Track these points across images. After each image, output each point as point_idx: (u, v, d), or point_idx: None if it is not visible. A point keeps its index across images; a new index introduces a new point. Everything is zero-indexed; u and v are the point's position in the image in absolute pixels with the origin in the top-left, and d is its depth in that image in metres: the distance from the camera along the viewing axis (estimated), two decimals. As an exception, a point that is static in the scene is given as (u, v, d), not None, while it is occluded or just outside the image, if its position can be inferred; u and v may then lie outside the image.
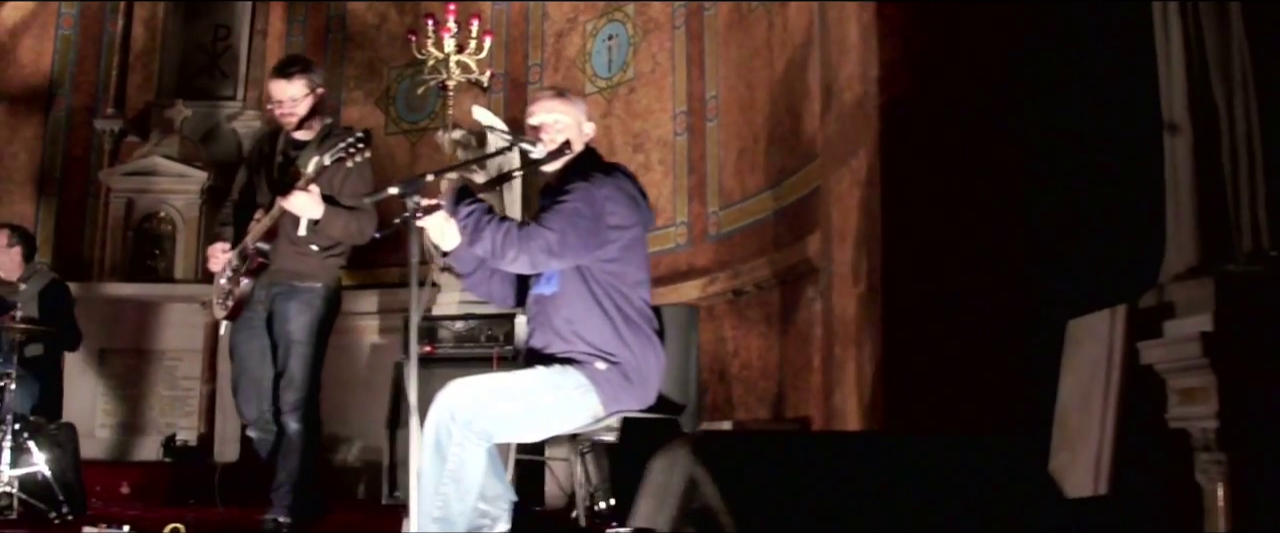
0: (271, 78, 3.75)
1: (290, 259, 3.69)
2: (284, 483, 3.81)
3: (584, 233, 2.79)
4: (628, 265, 2.94)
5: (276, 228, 3.63)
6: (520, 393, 2.82)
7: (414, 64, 7.75)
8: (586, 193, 2.84)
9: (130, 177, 7.32)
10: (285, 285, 3.73)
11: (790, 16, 5.07)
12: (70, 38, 7.94)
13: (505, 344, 5.47)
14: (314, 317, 3.79)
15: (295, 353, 3.74)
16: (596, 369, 2.86)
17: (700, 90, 6.01)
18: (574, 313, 2.87)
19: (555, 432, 2.95)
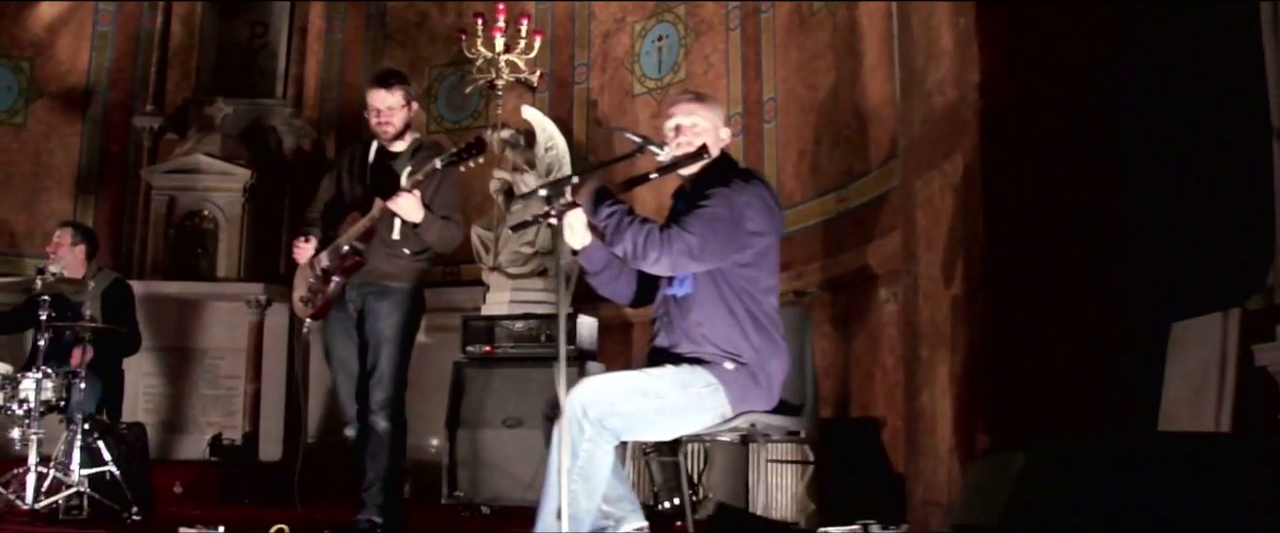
0: (371, 88, 3.83)
1: (383, 260, 3.77)
2: (374, 482, 3.87)
3: (723, 238, 2.83)
4: (760, 271, 2.98)
5: (374, 229, 3.70)
6: (651, 392, 2.84)
7: (456, 63, 7.78)
8: (727, 199, 2.88)
9: (172, 174, 7.31)
10: (377, 286, 3.79)
11: (860, 20, 5.11)
12: (107, 35, 7.92)
13: (568, 344, 5.46)
14: (404, 317, 3.87)
15: (385, 352, 3.83)
16: (724, 369, 2.89)
17: (756, 92, 6.04)
18: (705, 315, 2.90)
19: (683, 431, 2.97)
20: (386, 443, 3.83)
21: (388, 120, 3.78)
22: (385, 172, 3.83)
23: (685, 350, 2.91)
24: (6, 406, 4.57)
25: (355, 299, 3.80)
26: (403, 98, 3.80)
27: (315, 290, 3.83)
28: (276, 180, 7.50)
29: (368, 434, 3.88)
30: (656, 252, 2.79)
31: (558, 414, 3.16)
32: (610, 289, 3.17)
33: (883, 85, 4.78)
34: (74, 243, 5.27)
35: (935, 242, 3.95)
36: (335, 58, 8.05)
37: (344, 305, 3.82)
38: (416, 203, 3.58)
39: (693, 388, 2.84)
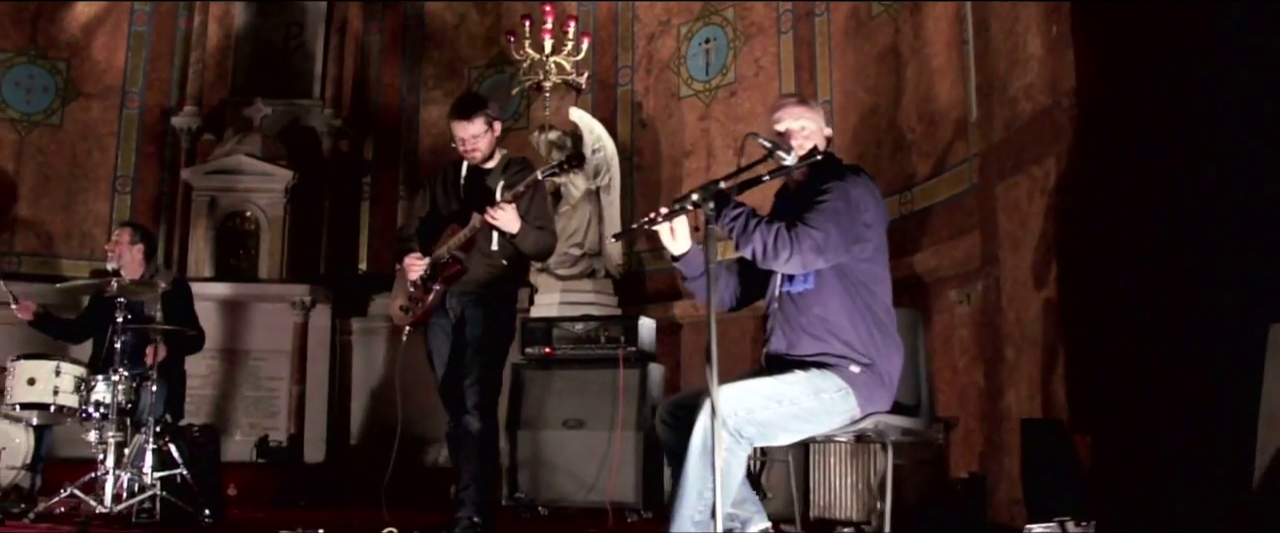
0: (453, 119, 3.95)
1: (481, 270, 3.91)
2: (471, 483, 3.97)
3: (845, 231, 2.88)
4: (876, 264, 3.03)
5: (473, 240, 3.85)
6: (786, 398, 2.88)
7: (496, 64, 7.79)
8: (843, 192, 2.92)
9: (214, 175, 7.30)
10: (476, 293, 3.92)
11: (925, 25, 5.17)
12: (143, 35, 7.90)
13: (628, 346, 5.49)
14: (501, 324, 4.02)
15: (482, 357, 3.93)
16: (852, 373, 2.93)
17: (810, 94, 6.08)
18: (827, 310, 2.94)
19: (812, 434, 3.00)
20: (481, 444, 3.96)
21: (474, 147, 3.92)
22: (479, 188, 3.98)
23: (808, 349, 2.95)
24: (82, 408, 4.56)
25: (454, 306, 3.94)
26: (484, 124, 3.93)
27: (415, 299, 3.99)
28: (316, 181, 7.49)
29: (463, 436, 3.95)
30: (788, 251, 2.83)
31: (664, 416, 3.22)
32: (704, 294, 3.21)
33: (952, 90, 4.84)
34: (133, 242, 5.28)
35: (1022, 244, 4.01)
36: (373, 59, 8.06)
37: (444, 312, 3.97)
38: (514, 215, 3.74)
39: (825, 393, 2.88)
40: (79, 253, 7.64)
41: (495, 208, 3.71)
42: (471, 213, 3.85)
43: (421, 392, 7.04)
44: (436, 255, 3.89)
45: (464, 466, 3.93)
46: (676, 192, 6.80)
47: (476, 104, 3.96)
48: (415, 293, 3.97)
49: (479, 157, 3.93)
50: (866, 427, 3.05)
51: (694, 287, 3.22)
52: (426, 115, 7.97)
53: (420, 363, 7.11)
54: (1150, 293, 3.46)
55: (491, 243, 3.87)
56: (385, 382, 7.28)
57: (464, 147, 3.92)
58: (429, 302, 3.92)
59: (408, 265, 3.95)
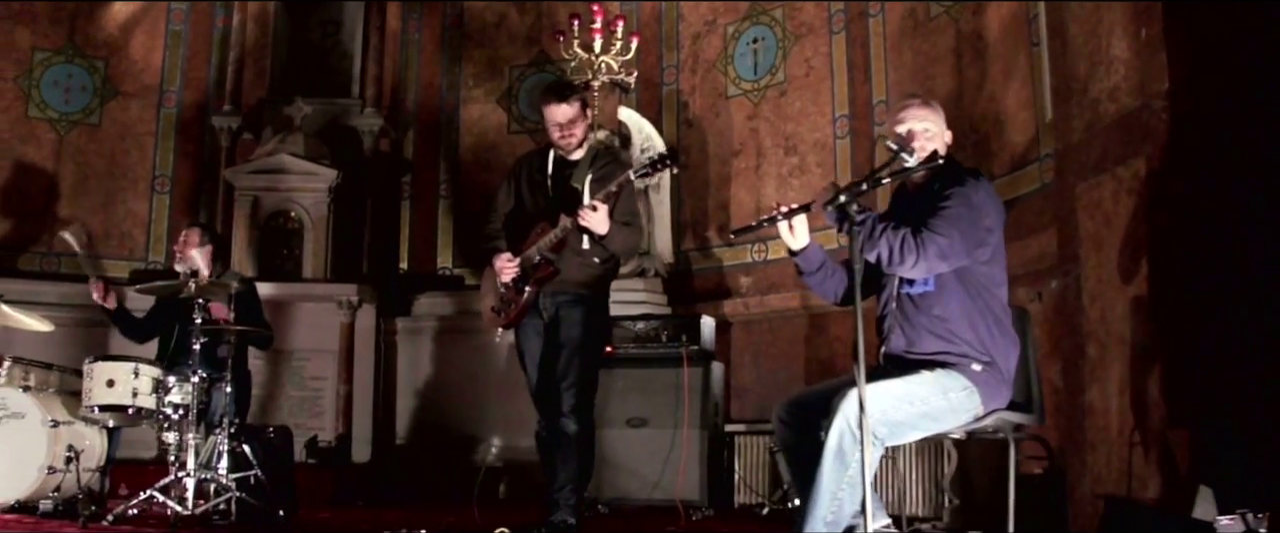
0: (548, 103, 3.92)
1: (575, 270, 3.91)
2: (567, 484, 3.96)
3: (967, 236, 2.95)
4: (996, 266, 3.10)
5: (564, 241, 3.82)
6: (917, 399, 2.95)
7: (537, 63, 7.82)
8: (965, 197, 2.99)
9: (257, 175, 7.29)
10: (570, 294, 3.92)
11: (989, 26, 5.23)
12: (180, 34, 7.90)
13: (690, 344, 5.54)
14: (596, 324, 4.02)
15: (578, 358, 3.92)
16: (974, 371, 3.00)
17: (865, 95, 6.16)
18: (948, 311, 3.01)
19: (936, 432, 3.06)
20: (578, 446, 3.93)
21: (570, 133, 3.91)
22: (567, 181, 3.96)
23: (929, 348, 3.02)
24: (159, 410, 4.57)
25: (548, 307, 3.93)
26: (580, 108, 3.92)
27: (508, 300, 3.98)
28: (357, 181, 7.49)
29: (559, 437, 3.93)
30: (914, 256, 2.90)
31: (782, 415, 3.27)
32: (821, 288, 3.31)
33: (1020, 90, 4.91)
34: (202, 243, 5.30)
35: (1105, 243, 4.08)
36: (412, 58, 8.07)
37: (536, 312, 3.95)
38: (604, 217, 3.73)
39: (952, 392, 2.96)
40: (118, 253, 7.63)
41: (586, 210, 3.70)
42: (560, 212, 3.84)
43: (469, 391, 7.12)
44: (526, 256, 3.89)
45: (561, 467, 3.91)
46: (724, 191, 6.86)
47: (572, 87, 3.96)
48: (507, 294, 3.96)
49: (573, 143, 3.92)
50: (988, 424, 3.12)
51: (810, 282, 3.30)
52: (466, 114, 7.99)
53: (468, 363, 7.22)
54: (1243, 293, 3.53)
55: (583, 242, 3.85)
56: (431, 381, 7.31)
57: (558, 133, 3.90)
58: (522, 303, 3.92)
59: (498, 268, 3.94)
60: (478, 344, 7.19)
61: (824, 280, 3.29)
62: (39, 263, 7.41)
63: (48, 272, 7.36)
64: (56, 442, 4.53)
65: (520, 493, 6.85)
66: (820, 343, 6.22)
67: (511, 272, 3.89)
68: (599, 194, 3.75)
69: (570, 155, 3.96)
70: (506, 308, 3.97)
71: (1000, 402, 3.07)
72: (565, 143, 3.91)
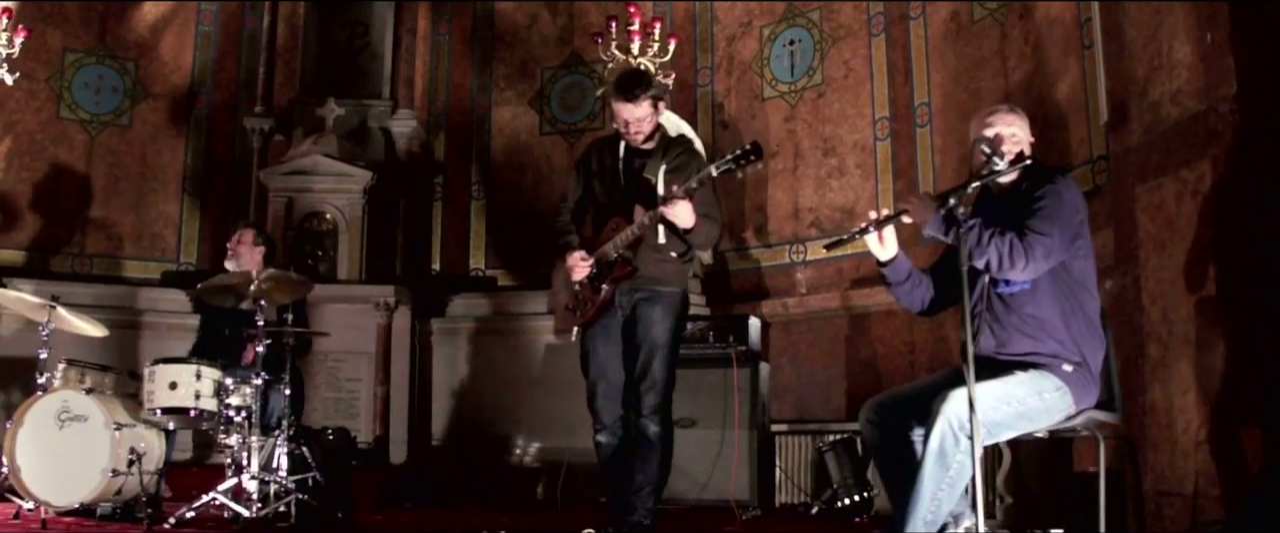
0: (617, 101, 3.80)
1: (652, 266, 3.80)
2: (645, 486, 3.86)
3: (1064, 233, 3.02)
4: (1087, 263, 3.18)
5: (642, 237, 3.74)
6: (1013, 399, 3.01)
7: (569, 65, 7.86)
8: (1057, 194, 3.07)
9: (290, 176, 7.31)
10: (648, 291, 3.82)
11: (1037, 29, 5.30)
12: (210, 35, 7.92)
13: (738, 344, 5.60)
14: (675, 321, 3.89)
15: (658, 357, 3.82)
16: (1065, 371, 3.07)
17: (906, 96, 6.23)
18: (1041, 309, 3.08)
19: (1028, 431, 3.12)
20: (658, 448, 3.82)
21: (639, 130, 3.81)
22: (639, 172, 3.85)
23: (1020, 348, 3.07)
24: (221, 412, 4.58)
25: (624, 305, 3.83)
26: (650, 105, 3.81)
27: (584, 298, 3.88)
28: (390, 182, 7.51)
29: (636, 438, 3.87)
30: (1023, 260, 2.96)
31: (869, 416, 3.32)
32: (909, 297, 3.36)
33: (1071, 93, 4.98)
34: (255, 243, 5.31)
35: (1167, 245, 4.14)
36: (442, 59, 8.10)
37: (610, 311, 3.85)
38: (690, 210, 3.62)
39: (1047, 392, 3.02)
40: (149, 254, 7.64)
41: (672, 204, 3.58)
42: (635, 205, 3.74)
43: (506, 392, 7.15)
44: (601, 253, 3.80)
45: (639, 468, 3.81)
46: (761, 193, 6.91)
47: (641, 83, 3.83)
48: (582, 292, 3.87)
49: (641, 138, 3.81)
50: (1078, 424, 3.18)
51: (898, 292, 3.35)
52: (498, 116, 8.03)
53: (504, 364, 7.26)
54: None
55: (660, 236, 3.74)
56: (467, 382, 7.34)
57: (628, 129, 3.79)
58: (600, 302, 3.81)
59: (572, 265, 3.84)
60: (514, 345, 7.24)
61: (911, 290, 3.34)
62: (71, 264, 7.42)
63: (80, 273, 7.37)
64: (119, 445, 4.54)
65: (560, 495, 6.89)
66: (861, 344, 6.28)
67: (585, 270, 3.81)
68: (682, 187, 3.61)
69: (640, 146, 3.85)
70: (582, 306, 3.87)
71: (1089, 401, 3.13)
72: (634, 138, 3.82)
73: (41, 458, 4.55)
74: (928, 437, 2.93)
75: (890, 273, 3.28)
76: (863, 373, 6.25)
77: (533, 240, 7.73)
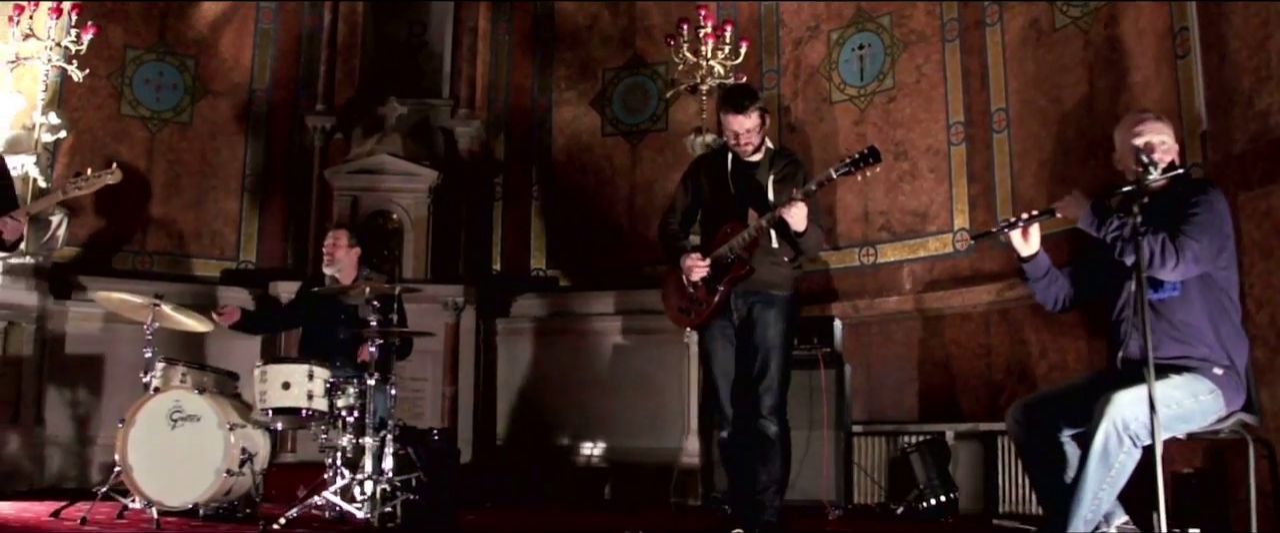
0: (728, 113, 3.97)
1: (766, 270, 3.95)
2: (770, 485, 3.99)
3: (1214, 241, 3.14)
4: (1233, 270, 3.30)
5: (757, 240, 3.88)
6: (1172, 401, 3.12)
7: (631, 66, 7.94)
8: (1209, 204, 3.19)
9: (356, 174, 7.36)
10: (762, 294, 3.96)
11: (1125, 38, 5.44)
12: (269, 33, 7.97)
13: (823, 346, 5.70)
14: (788, 324, 4.04)
15: (774, 358, 3.96)
16: (1216, 374, 3.19)
17: (982, 102, 6.34)
18: (1191, 315, 3.20)
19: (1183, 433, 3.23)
20: (779, 448, 3.96)
21: (748, 141, 3.97)
22: (750, 182, 4.01)
23: (1170, 352, 3.18)
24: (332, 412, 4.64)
25: (739, 308, 3.96)
26: (759, 117, 3.97)
27: (698, 300, 4.01)
28: (452, 182, 7.57)
29: (757, 438, 3.98)
30: (1173, 260, 3.08)
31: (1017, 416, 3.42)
32: (1046, 294, 3.50)
33: (1162, 100, 5.11)
34: (350, 245, 5.38)
35: (1275, 251, 4.29)
36: (502, 59, 8.17)
37: (726, 313, 3.98)
38: (805, 212, 3.76)
39: (1201, 395, 3.13)
40: (210, 252, 7.69)
41: (791, 205, 3.73)
42: (748, 210, 3.89)
43: (570, 393, 7.23)
44: (717, 256, 3.92)
45: (761, 469, 3.94)
46: (830, 196, 7.01)
47: (749, 96, 3.98)
48: (696, 294, 3.99)
49: (751, 149, 3.97)
50: (1227, 426, 3.30)
51: (1035, 287, 3.48)
52: (559, 116, 8.10)
53: (568, 365, 7.34)
54: None
55: (773, 241, 3.89)
56: (531, 382, 7.42)
57: (738, 140, 3.95)
58: (715, 304, 3.95)
59: (689, 267, 3.96)
60: (579, 346, 7.32)
61: (1048, 286, 3.46)
62: (133, 262, 7.45)
63: (141, 270, 7.40)
64: (233, 445, 4.60)
65: (626, 494, 6.98)
66: (935, 345, 6.40)
67: (703, 270, 3.93)
68: (802, 189, 3.79)
69: (748, 158, 4.02)
70: (696, 308, 4.00)
71: (1238, 404, 3.24)
72: (743, 150, 3.98)
73: (153, 458, 4.61)
74: (1090, 437, 3.04)
75: (1030, 269, 3.41)
76: (936, 375, 6.37)
77: (594, 241, 7.82)
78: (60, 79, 6.93)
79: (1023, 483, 5.55)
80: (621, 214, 7.79)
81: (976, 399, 6.14)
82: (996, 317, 6.06)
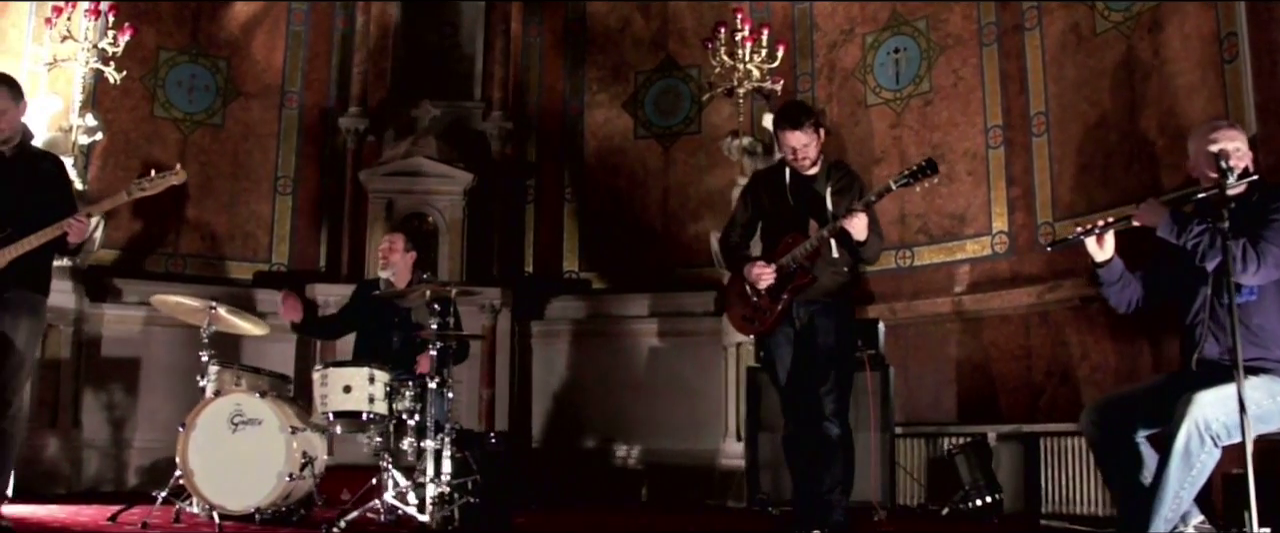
0: (784, 130, 4.08)
1: (826, 278, 4.07)
2: (835, 486, 4.09)
3: None
4: None
5: (819, 250, 4.00)
6: (1252, 403, 3.17)
7: (663, 69, 7.99)
8: None
9: (392, 177, 7.39)
10: (822, 303, 4.08)
11: (1169, 44, 5.53)
12: (300, 35, 8.01)
13: (867, 349, 5.76)
14: (848, 330, 4.19)
15: (836, 364, 4.08)
16: (1292, 376, 3.24)
17: (1020, 106, 6.42)
18: (1268, 319, 3.28)
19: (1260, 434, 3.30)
20: (842, 450, 4.06)
21: (805, 155, 4.07)
22: (810, 195, 4.12)
23: (1248, 355, 3.23)
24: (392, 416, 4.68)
25: (801, 316, 4.07)
26: (813, 132, 4.08)
27: (763, 308, 4.11)
28: (485, 184, 7.62)
29: (821, 441, 4.08)
30: (1255, 264, 3.16)
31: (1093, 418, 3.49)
32: (1118, 297, 3.58)
33: (1207, 106, 5.19)
34: (407, 250, 5.41)
35: (1328, 256, 4.38)
36: (533, 62, 8.23)
37: (788, 321, 4.09)
38: (866, 222, 3.89)
39: (1278, 396, 3.20)
40: (243, 254, 7.72)
41: (852, 216, 3.85)
42: (809, 221, 4.01)
43: (605, 395, 7.30)
44: (782, 264, 4.02)
45: (825, 471, 4.03)
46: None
47: (805, 113, 4.10)
48: (760, 302, 4.09)
49: (808, 164, 4.08)
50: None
51: (1109, 292, 3.55)
52: (591, 119, 8.16)
53: (603, 367, 7.39)
54: None
55: (833, 251, 4.01)
56: (566, 384, 7.47)
57: (795, 155, 4.05)
58: (779, 311, 4.05)
59: (757, 274, 4.05)
60: (614, 348, 7.38)
61: (1122, 290, 3.54)
62: (165, 264, 7.48)
63: (174, 273, 7.44)
64: (295, 449, 4.63)
65: (662, 496, 7.05)
66: (973, 347, 6.47)
67: (770, 278, 4.02)
68: (862, 200, 3.93)
69: (805, 171, 4.13)
70: (761, 316, 4.11)
71: (1313, 405, 3.32)
72: (800, 164, 4.09)
73: (214, 462, 4.64)
74: (1171, 437, 3.11)
75: (1105, 274, 3.49)
76: (975, 376, 6.44)
77: (627, 243, 7.88)
78: (94, 81, 6.95)
79: (1065, 484, 5.63)
80: (655, 216, 7.85)
81: (1016, 401, 6.22)
82: (1037, 319, 6.14)
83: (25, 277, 4.12)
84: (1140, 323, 5.56)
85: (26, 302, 4.17)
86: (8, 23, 6.97)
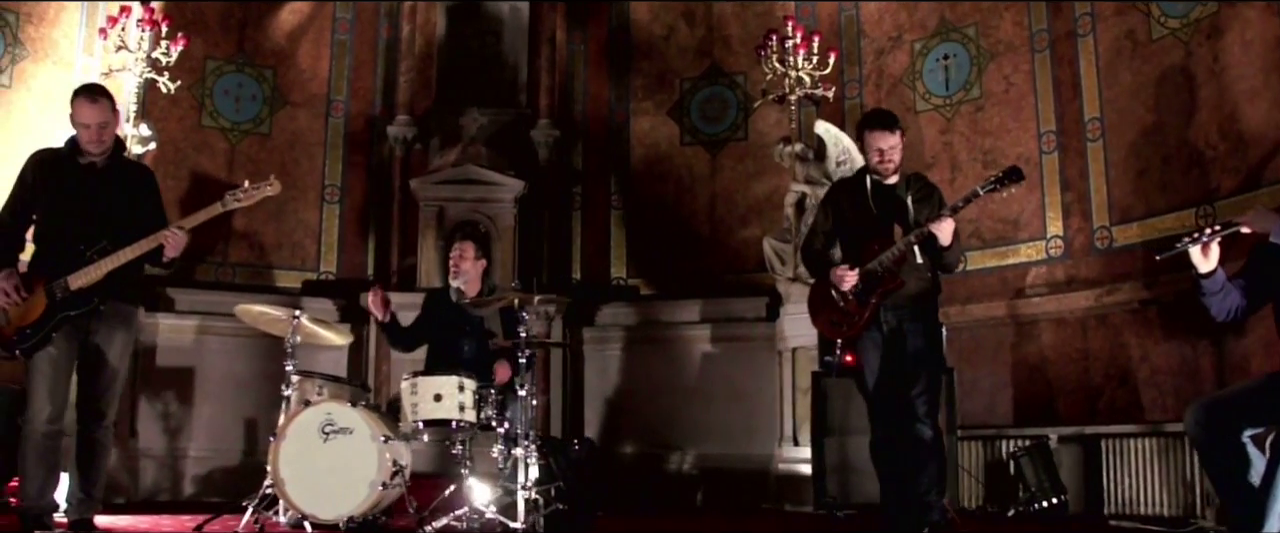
0: (875, 130, 4.20)
1: (913, 284, 4.19)
2: (932, 486, 4.21)
3: None
4: None
5: (905, 255, 4.11)
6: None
7: (708, 76, 8.10)
8: None
9: (442, 185, 7.46)
10: (910, 307, 4.19)
11: (1229, 50, 5.68)
12: (345, 43, 8.08)
13: (932, 354, 5.87)
14: (936, 333, 4.32)
15: (926, 367, 4.20)
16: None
17: (1074, 111, 6.56)
18: None
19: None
20: (936, 449, 4.18)
21: (890, 158, 4.20)
22: (893, 202, 4.23)
23: (1332, 363, 3.38)
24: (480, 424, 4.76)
25: (889, 320, 4.18)
26: (901, 136, 4.22)
27: (850, 313, 4.21)
28: (533, 191, 7.70)
29: (914, 443, 4.18)
30: None
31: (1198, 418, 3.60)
32: (1219, 306, 3.68)
33: (1271, 112, 5.34)
34: (477, 257, 5.47)
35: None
36: (578, 69, 8.32)
37: (876, 325, 4.20)
38: (952, 227, 4.02)
39: (1381, 393, 3.34)
40: (290, 263, 7.79)
41: (940, 221, 3.98)
42: (893, 227, 4.13)
43: (658, 401, 7.38)
44: (869, 269, 4.12)
45: (920, 472, 4.13)
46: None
47: (895, 117, 4.23)
48: (847, 306, 4.19)
49: (891, 168, 4.20)
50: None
51: (1210, 301, 3.66)
52: (637, 126, 8.26)
53: (656, 373, 7.49)
54: None
55: (917, 257, 4.12)
56: (619, 390, 7.56)
57: (882, 157, 4.17)
58: (867, 316, 4.14)
59: (841, 276, 4.15)
60: (667, 354, 7.48)
61: (1223, 299, 3.64)
62: (215, 273, 7.54)
63: (223, 282, 7.49)
64: (386, 457, 4.70)
65: (718, 502, 7.14)
66: (1030, 350, 6.60)
67: (853, 279, 4.12)
68: (949, 206, 4.05)
69: (886, 180, 4.25)
70: (849, 320, 4.20)
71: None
72: (884, 168, 4.20)
73: (305, 471, 4.69)
74: None
75: (1208, 283, 3.58)
76: (1031, 380, 6.57)
77: (676, 249, 7.99)
78: (144, 90, 7.00)
79: (1129, 485, 5.76)
80: (702, 223, 7.96)
81: (1074, 403, 6.35)
82: (1094, 322, 6.27)
83: (119, 289, 4.20)
84: (1200, 326, 5.70)
85: (120, 314, 4.25)
86: (59, 33, 7.03)
